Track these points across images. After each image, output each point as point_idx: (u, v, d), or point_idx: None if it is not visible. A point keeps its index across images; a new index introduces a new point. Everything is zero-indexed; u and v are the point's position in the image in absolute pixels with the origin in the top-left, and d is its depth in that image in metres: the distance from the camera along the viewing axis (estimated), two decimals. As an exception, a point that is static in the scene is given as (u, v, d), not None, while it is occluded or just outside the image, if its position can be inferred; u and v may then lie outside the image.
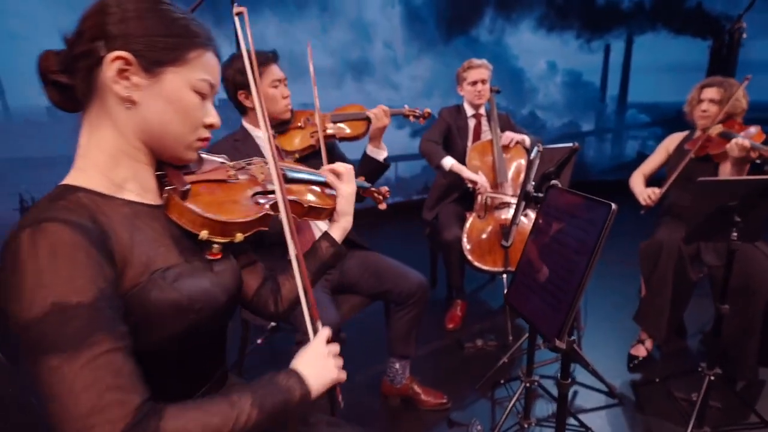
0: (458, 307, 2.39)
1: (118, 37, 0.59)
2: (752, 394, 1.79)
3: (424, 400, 1.73)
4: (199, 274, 0.65)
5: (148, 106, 0.62)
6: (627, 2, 4.76)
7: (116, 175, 0.63)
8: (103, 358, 0.50)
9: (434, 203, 2.46)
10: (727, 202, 1.43)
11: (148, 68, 0.61)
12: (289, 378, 0.65)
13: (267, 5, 3.59)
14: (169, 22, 0.62)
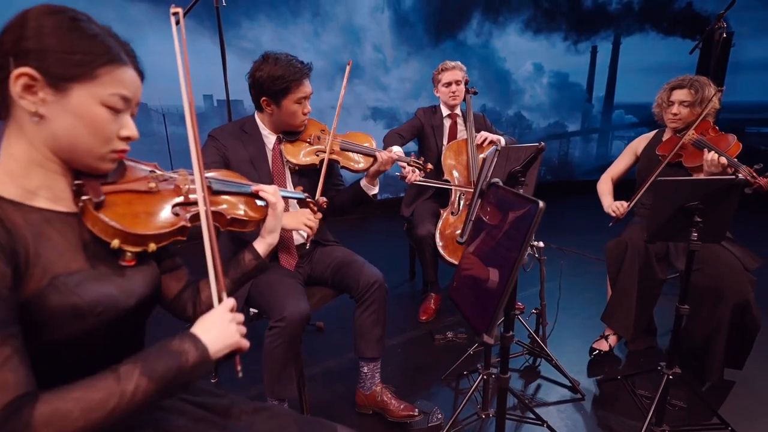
0: (432, 300, 2.34)
1: (30, 52, 0.58)
2: (717, 395, 1.70)
3: (393, 410, 1.57)
4: (105, 280, 0.64)
5: (56, 120, 0.61)
6: (615, 4, 4.63)
7: (28, 183, 0.62)
8: None
9: (411, 200, 2.41)
10: (688, 203, 1.35)
11: (54, 84, 0.59)
12: (183, 342, 0.62)
13: (262, 11, 3.55)
14: (78, 39, 0.60)
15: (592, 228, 1.87)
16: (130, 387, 0.55)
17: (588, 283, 2.64)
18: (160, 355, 0.60)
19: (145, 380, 0.56)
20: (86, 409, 0.53)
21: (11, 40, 0.58)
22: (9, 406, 0.50)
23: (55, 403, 0.52)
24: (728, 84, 4.76)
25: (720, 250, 1.71)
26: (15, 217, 0.58)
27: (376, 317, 1.54)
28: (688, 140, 1.78)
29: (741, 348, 1.69)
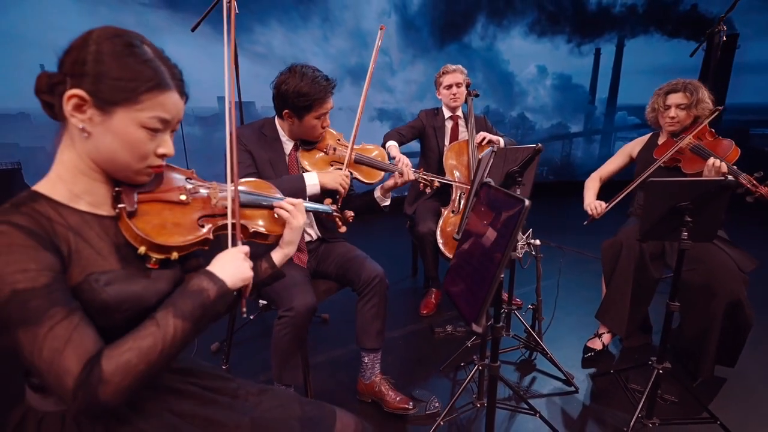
0: (433, 295, 2.37)
1: (85, 75, 0.63)
2: (708, 391, 1.71)
3: (388, 401, 1.60)
4: (132, 280, 0.68)
5: (99, 137, 0.66)
6: (619, 6, 4.58)
7: (75, 188, 0.68)
8: (60, 325, 0.58)
9: (413, 198, 2.44)
10: (679, 203, 1.36)
11: (100, 106, 0.64)
12: (201, 280, 0.69)
13: (274, 17, 3.61)
14: (130, 65, 0.64)
15: (591, 228, 1.87)
16: (170, 330, 0.63)
17: (586, 282, 2.65)
18: (184, 296, 0.67)
19: (180, 321, 0.64)
20: (142, 354, 0.61)
21: (71, 61, 0.63)
22: (86, 366, 0.58)
23: (116, 357, 0.60)
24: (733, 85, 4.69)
25: (714, 250, 1.70)
26: (58, 217, 0.64)
27: (377, 310, 1.57)
28: (686, 146, 1.76)
29: (733, 346, 1.69)
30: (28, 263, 0.58)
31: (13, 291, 0.56)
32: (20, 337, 0.57)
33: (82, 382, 0.57)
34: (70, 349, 0.58)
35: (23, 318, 0.57)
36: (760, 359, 1.89)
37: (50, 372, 0.57)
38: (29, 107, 2.83)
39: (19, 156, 2.83)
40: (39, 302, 0.57)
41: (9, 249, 0.57)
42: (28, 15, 2.70)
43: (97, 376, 0.58)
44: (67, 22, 2.82)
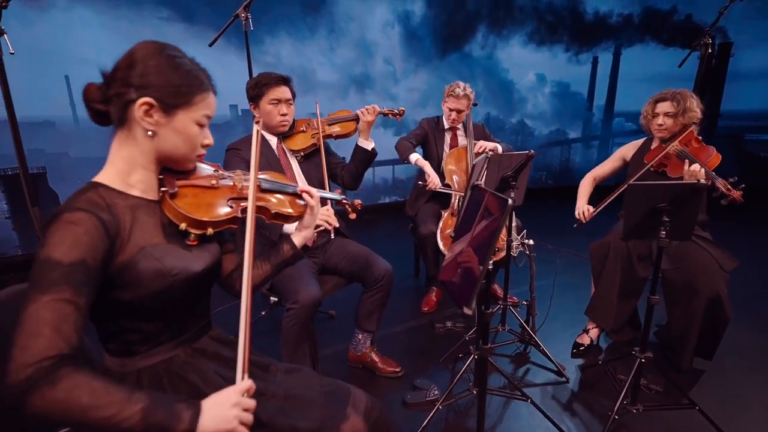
0: (433, 293, 2.50)
1: (144, 86, 0.75)
2: (689, 381, 1.82)
3: (381, 367, 1.86)
4: (177, 252, 0.81)
5: (163, 136, 0.79)
6: (615, 16, 4.73)
7: (130, 178, 0.80)
8: (59, 303, 0.63)
9: (414, 200, 2.58)
10: (657, 204, 1.46)
11: (165, 110, 0.77)
12: (187, 409, 0.66)
13: (283, 28, 3.78)
14: (181, 75, 0.78)
15: (588, 231, 1.99)
16: (127, 412, 0.61)
17: (580, 283, 2.74)
18: (164, 406, 0.65)
19: (139, 416, 0.62)
20: (91, 400, 0.60)
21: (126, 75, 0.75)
22: (53, 358, 0.60)
23: (78, 382, 0.60)
24: (728, 92, 4.81)
25: (697, 250, 1.81)
26: (118, 201, 0.76)
27: (381, 302, 1.76)
28: (672, 150, 1.86)
29: (711, 339, 1.80)
30: (74, 241, 0.66)
31: (47, 256, 0.64)
32: (28, 296, 0.63)
33: (38, 367, 0.58)
34: (54, 330, 0.61)
35: (39, 281, 0.63)
36: (738, 353, 2.00)
37: (24, 337, 0.60)
38: (54, 115, 3.01)
39: (44, 161, 3.01)
40: (57, 275, 0.63)
41: (69, 227, 0.67)
42: (54, 28, 2.88)
43: (53, 378, 0.59)
44: (91, 36, 3.00)
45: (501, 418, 1.66)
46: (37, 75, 2.87)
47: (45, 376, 0.59)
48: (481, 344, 1.20)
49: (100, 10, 2.99)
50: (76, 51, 2.97)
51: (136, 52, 0.77)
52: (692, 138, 1.88)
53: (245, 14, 2.07)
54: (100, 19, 3.00)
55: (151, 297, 0.76)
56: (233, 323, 0.76)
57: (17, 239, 3.02)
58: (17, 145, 1.53)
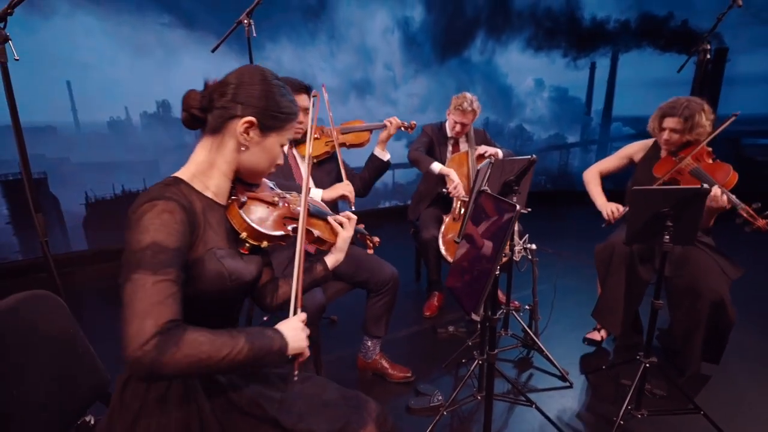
0: (435, 297, 2.49)
1: (250, 106, 0.82)
2: (694, 386, 1.81)
3: (391, 373, 1.85)
4: (236, 258, 0.86)
5: (252, 152, 0.86)
6: (612, 22, 4.75)
7: (208, 181, 0.86)
8: (167, 283, 0.69)
9: (416, 205, 2.58)
10: (660, 209, 1.46)
11: (262, 130, 0.85)
12: (275, 332, 0.81)
13: (284, 34, 3.79)
14: (282, 102, 0.86)
15: (587, 235, 1.99)
16: (238, 347, 0.72)
17: (581, 286, 2.75)
18: (258, 334, 0.77)
19: (247, 347, 0.73)
20: (213, 350, 0.69)
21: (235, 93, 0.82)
22: (169, 323, 0.67)
23: (197, 336, 0.69)
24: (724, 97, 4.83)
25: (699, 254, 1.80)
26: (195, 201, 0.81)
27: (388, 306, 1.76)
28: (685, 167, 1.79)
29: (717, 344, 1.79)
30: (175, 228, 0.72)
31: (153, 241, 0.69)
32: (133, 278, 0.67)
33: (160, 335, 0.64)
34: (165, 305, 0.67)
35: (149, 264, 0.68)
36: (743, 357, 1.99)
37: (140, 312, 0.65)
38: (55, 120, 3.00)
39: (45, 166, 2.99)
40: (165, 257, 0.69)
41: (166, 214, 0.72)
42: (56, 35, 2.87)
43: (175, 339, 0.66)
44: (93, 42, 3.00)
45: (506, 423, 1.64)
46: (39, 80, 2.86)
47: (168, 341, 0.65)
48: (488, 350, 1.19)
49: (102, 16, 2.99)
50: (78, 56, 2.96)
51: (245, 75, 0.84)
52: (704, 152, 1.81)
53: (248, 20, 2.07)
54: (102, 25, 3.00)
55: (207, 295, 0.81)
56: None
57: (18, 244, 2.99)
58: (21, 151, 1.52)
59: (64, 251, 3.12)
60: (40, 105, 2.89)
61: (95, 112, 3.09)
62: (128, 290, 0.67)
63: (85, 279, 3.04)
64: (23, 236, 2.99)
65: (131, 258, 0.69)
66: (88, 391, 0.99)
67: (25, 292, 0.91)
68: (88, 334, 1.01)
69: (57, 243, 3.09)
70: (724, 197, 1.63)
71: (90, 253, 3.20)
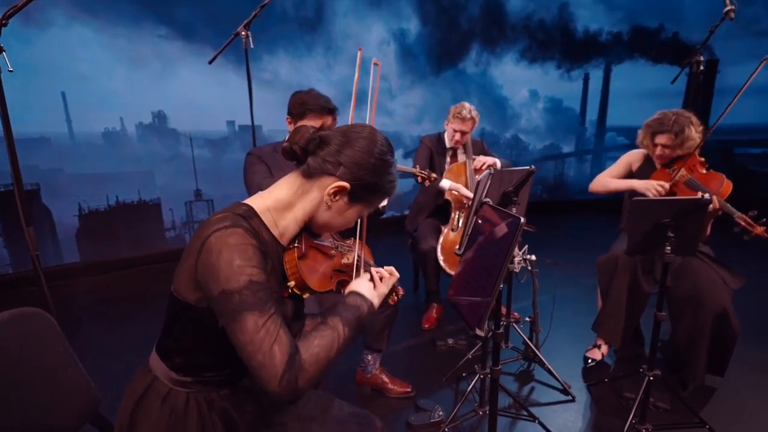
0: (434, 309, 2.46)
1: (352, 173, 0.79)
2: (699, 399, 1.78)
3: (391, 388, 1.81)
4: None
5: (333, 213, 0.83)
6: (605, 34, 4.84)
7: (280, 218, 0.83)
8: (274, 318, 0.70)
9: (414, 216, 2.56)
10: (661, 220, 1.45)
11: (351, 199, 0.82)
12: (356, 298, 0.83)
13: (281, 46, 3.81)
14: (385, 181, 0.83)
15: (585, 244, 1.99)
16: (341, 333, 0.76)
17: (579, 295, 2.74)
18: (347, 309, 0.80)
19: (346, 328, 0.77)
20: (324, 350, 0.73)
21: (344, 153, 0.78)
22: (291, 356, 0.69)
23: (309, 350, 0.72)
24: (716, 108, 4.92)
25: (700, 264, 1.79)
26: (266, 239, 0.79)
27: (391, 318, 1.73)
28: (680, 178, 1.82)
29: (721, 355, 1.77)
30: (259, 262, 0.71)
31: (250, 281, 0.69)
32: (243, 320, 0.68)
33: (288, 369, 0.67)
34: (280, 339, 0.69)
35: (254, 303, 0.68)
36: (749, 369, 1.97)
37: (264, 355, 0.67)
38: (49, 132, 2.97)
39: (38, 177, 2.95)
40: (264, 294, 0.70)
41: (245, 247, 0.71)
42: (53, 46, 2.87)
43: (299, 365, 0.69)
44: (89, 53, 2.99)
45: (508, 439, 1.61)
46: (34, 91, 2.84)
47: (296, 370, 0.69)
48: (492, 365, 1.16)
49: (99, 28, 2.99)
50: (74, 68, 2.95)
51: (368, 141, 0.80)
52: (697, 162, 1.84)
53: (245, 32, 2.07)
54: (99, 37, 3.00)
55: None
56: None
57: (8, 257, 2.93)
58: (13, 163, 1.49)
59: (56, 263, 3.06)
60: (34, 116, 2.86)
61: (90, 123, 3.07)
62: (242, 334, 0.68)
63: (77, 291, 2.97)
64: (14, 249, 2.93)
65: (232, 299, 0.69)
66: (77, 413, 0.95)
67: (13, 310, 0.88)
68: (80, 347, 0.98)
69: (49, 255, 3.03)
70: (717, 203, 1.66)
71: (82, 265, 3.14)
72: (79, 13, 2.92)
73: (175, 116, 3.41)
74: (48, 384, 0.90)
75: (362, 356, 1.83)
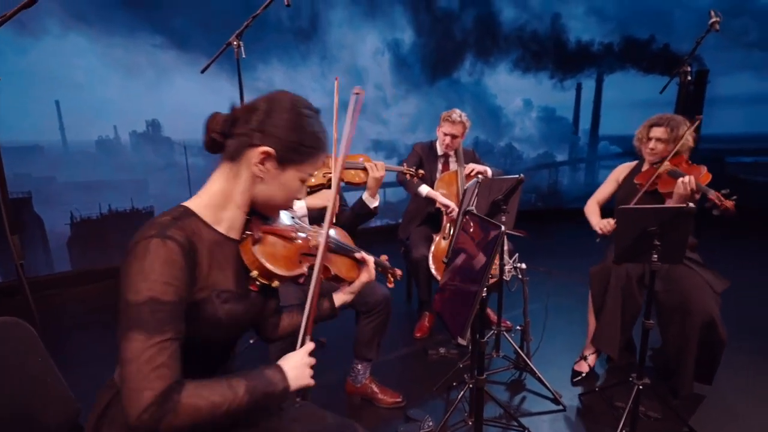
0: (426, 318, 2.45)
1: (270, 136, 0.76)
2: (689, 407, 1.78)
3: (381, 398, 1.79)
4: (240, 301, 0.80)
5: (268, 185, 0.79)
6: (597, 45, 4.92)
7: (222, 213, 0.79)
8: (166, 344, 0.65)
9: (406, 224, 2.57)
10: (648, 228, 1.47)
11: (281, 163, 0.78)
12: (276, 373, 0.76)
13: (275, 55, 3.85)
14: (306, 135, 0.78)
15: (578, 253, 1.99)
16: (238, 398, 0.69)
17: (572, 304, 2.72)
18: (259, 378, 0.73)
19: (247, 396, 0.70)
20: (210, 405, 0.67)
21: (259, 121, 0.75)
22: (167, 391, 0.64)
23: (192, 397, 0.66)
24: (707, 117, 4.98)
25: (688, 271, 1.81)
26: (204, 235, 0.75)
27: (381, 328, 1.72)
28: (663, 170, 1.89)
29: (709, 363, 1.77)
30: (173, 279, 0.67)
31: (151, 297, 0.65)
32: (131, 336, 0.64)
33: (156, 405, 0.62)
34: (163, 368, 0.64)
35: (147, 322, 0.64)
36: (736, 376, 1.97)
37: (138, 379, 0.62)
38: (42, 140, 2.98)
39: (31, 186, 2.95)
40: (163, 316, 0.65)
41: (164, 260, 0.67)
42: (47, 55, 2.89)
43: (171, 407, 0.63)
44: (84, 62, 3.01)
45: (498, 450, 1.59)
46: (27, 99, 2.85)
47: (166, 409, 0.63)
48: (477, 375, 1.16)
49: (94, 37, 3.02)
50: (68, 76, 2.97)
51: (274, 101, 0.78)
52: (683, 160, 1.92)
53: (237, 42, 2.09)
54: (94, 47, 3.03)
55: (200, 338, 0.76)
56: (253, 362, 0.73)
57: (-3, 266, 2.91)
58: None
59: (47, 272, 3.04)
60: (27, 124, 2.87)
61: (83, 132, 3.09)
62: (126, 350, 0.64)
63: (68, 300, 2.95)
64: (2, 258, 2.91)
65: (129, 311, 0.65)
66: (55, 423, 0.94)
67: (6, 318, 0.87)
68: (71, 356, 0.97)
69: (39, 263, 3.01)
70: (693, 181, 1.72)
71: (73, 274, 3.12)
72: (74, 22, 2.95)
73: (170, 125, 3.43)
74: (27, 394, 0.89)
75: (352, 365, 1.81)
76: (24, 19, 2.48)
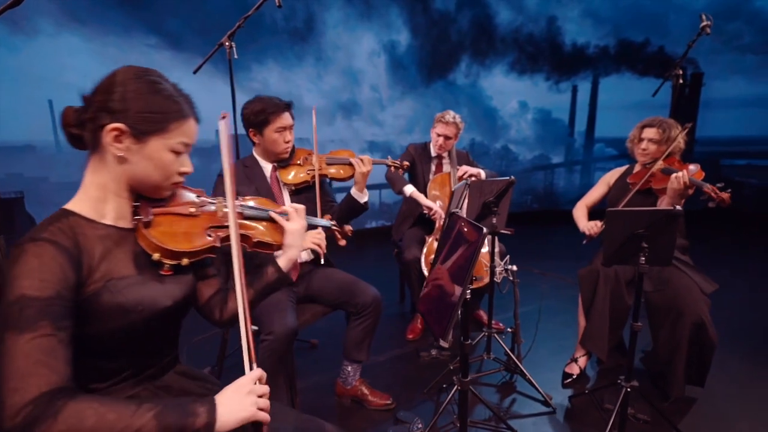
0: (419, 320, 2.44)
1: (118, 111, 0.72)
2: (679, 410, 1.78)
3: (371, 400, 1.78)
4: (147, 285, 0.77)
5: (135, 163, 0.76)
6: (592, 48, 4.94)
7: (103, 206, 0.77)
8: (41, 339, 0.61)
9: (399, 225, 2.56)
10: (636, 230, 1.47)
11: (137, 136, 0.74)
12: (202, 405, 0.67)
13: (271, 56, 3.85)
14: (157, 100, 0.75)
15: (573, 254, 1.99)
16: (138, 424, 0.61)
17: (566, 306, 2.71)
18: (176, 408, 0.65)
19: (153, 423, 0.62)
20: (100, 423, 0.60)
21: (102, 100, 0.73)
22: (47, 395, 0.58)
23: (81, 406, 0.60)
24: (701, 120, 5.00)
25: (678, 273, 1.81)
26: (87, 231, 0.73)
27: (370, 329, 1.71)
28: (656, 169, 1.91)
29: (700, 366, 1.77)
30: (45, 274, 0.64)
31: (21, 294, 0.62)
32: (3, 338, 0.61)
33: (36, 404, 0.57)
34: (40, 366, 0.60)
35: (17, 321, 0.61)
36: (728, 379, 1.97)
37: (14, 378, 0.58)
38: (35, 140, 2.97)
39: (23, 185, 2.94)
40: (33, 312, 0.61)
41: (35, 260, 0.65)
42: (40, 54, 2.88)
43: (53, 412, 0.58)
44: (77, 62, 3.01)
45: (486, 453, 1.59)
46: (20, 99, 2.85)
47: (45, 412, 0.58)
48: (461, 377, 1.15)
49: (88, 37, 3.02)
50: (62, 76, 2.97)
51: (117, 76, 0.75)
52: (675, 161, 1.94)
53: (229, 43, 2.10)
54: (88, 46, 3.03)
55: (112, 333, 0.73)
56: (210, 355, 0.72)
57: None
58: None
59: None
60: (20, 124, 2.87)
61: (77, 132, 3.09)
62: (2, 354, 0.60)
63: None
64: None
65: (2, 313, 0.62)
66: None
67: None
68: None
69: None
70: (686, 175, 1.73)
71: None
72: (68, 21, 2.95)
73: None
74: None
75: (342, 367, 1.80)
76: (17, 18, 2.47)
